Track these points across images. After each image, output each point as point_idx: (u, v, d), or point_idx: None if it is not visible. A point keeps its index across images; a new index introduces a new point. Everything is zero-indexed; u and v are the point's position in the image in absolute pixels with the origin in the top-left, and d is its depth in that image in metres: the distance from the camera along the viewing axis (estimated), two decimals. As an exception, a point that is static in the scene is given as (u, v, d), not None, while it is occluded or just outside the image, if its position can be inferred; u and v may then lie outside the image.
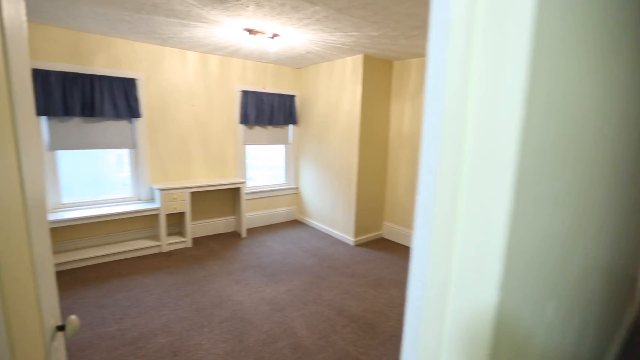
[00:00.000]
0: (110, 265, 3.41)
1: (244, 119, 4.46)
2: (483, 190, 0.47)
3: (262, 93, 4.54)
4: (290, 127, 5.03)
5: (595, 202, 1.13)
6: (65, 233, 3.45)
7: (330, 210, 4.56)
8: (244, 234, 4.42)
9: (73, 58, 3.26)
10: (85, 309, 2.62)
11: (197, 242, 4.14)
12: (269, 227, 4.86)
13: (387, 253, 3.99)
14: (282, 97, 4.73)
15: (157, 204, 3.71)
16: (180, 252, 3.83)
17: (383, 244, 4.29)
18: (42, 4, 2.51)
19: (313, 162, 4.82)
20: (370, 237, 4.43)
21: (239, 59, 4.32)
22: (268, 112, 4.63)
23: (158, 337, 2.31)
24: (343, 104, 4.18)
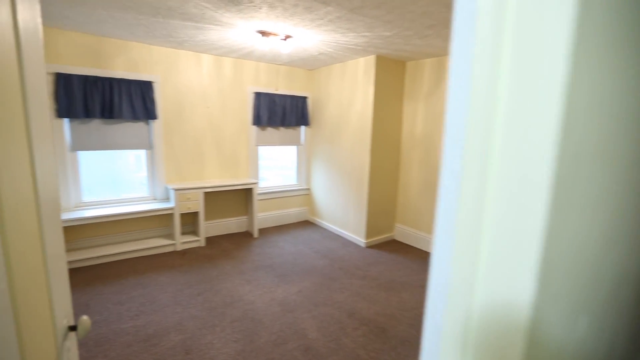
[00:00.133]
0: (127, 263, 3.49)
1: (257, 121, 4.50)
2: (515, 196, 0.44)
3: (274, 95, 4.57)
4: (302, 128, 5.05)
5: (630, 208, 1.07)
6: (86, 231, 3.55)
7: (342, 212, 4.55)
8: (256, 234, 4.45)
9: (93, 62, 3.37)
10: (103, 305, 2.69)
11: (210, 241, 4.20)
12: (281, 227, 4.88)
13: (398, 255, 3.95)
14: (294, 98, 4.75)
15: (171, 204, 3.78)
16: (194, 251, 3.89)
17: (395, 246, 4.24)
18: (64, 10, 2.60)
19: (325, 163, 4.82)
20: (382, 238, 4.39)
21: (252, 61, 4.36)
22: (280, 113, 4.66)
23: (171, 334, 2.35)
24: (355, 105, 4.17)
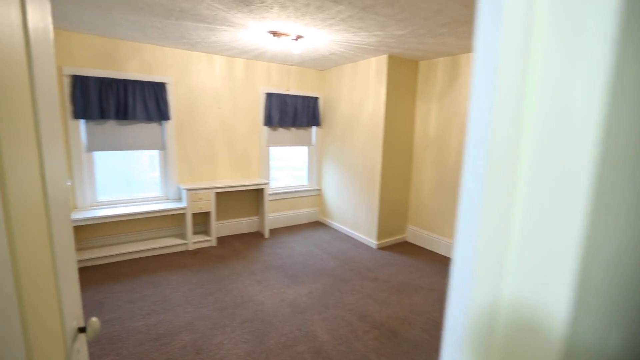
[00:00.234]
0: (140, 262, 3.54)
1: (268, 121, 4.50)
2: (549, 201, 0.40)
3: (285, 95, 4.57)
4: (314, 128, 5.03)
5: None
6: (100, 229, 3.62)
7: (353, 213, 4.51)
8: (267, 234, 4.46)
9: (108, 64, 3.42)
10: (116, 303, 2.73)
11: (221, 241, 4.22)
12: (291, 228, 4.87)
13: (410, 257, 3.89)
14: (305, 99, 4.74)
15: (184, 204, 3.82)
16: (205, 250, 3.91)
17: (406, 248, 4.18)
18: (80, 13, 2.65)
19: (336, 163, 4.79)
20: (393, 240, 4.33)
21: (264, 62, 4.37)
22: (291, 114, 4.65)
23: (182, 334, 2.36)
24: (367, 106, 4.13)
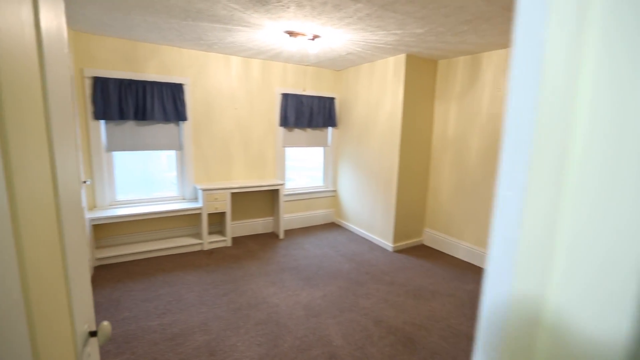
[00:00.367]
0: (156, 261, 3.58)
1: (284, 122, 4.49)
2: (605, 213, 0.34)
3: (301, 96, 4.55)
4: (330, 129, 4.99)
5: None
6: (118, 228, 3.69)
7: (369, 214, 4.44)
8: (282, 235, 4.44)
9: (128, 66, 3.48)
10: (132, 302, 2.76)
11: (236, 241, 4.23)
12: (306, 229, 4.84)
13: (427, 261, 3.78)
14: (321, 99, 4.70)
15: (199, 204, 3.84)
16: (220, 250, 3.93)
17: (424, 252, 4.08)
18: (101, 16, 2.70)
19: (352, 164, 4.73)
20: (410, 243, 4.24)
21: (280, 63, 4.36)
22: (307, 114, 4.63)
23: (196, 335, 2.36)
24: (384, 106, 4.05)
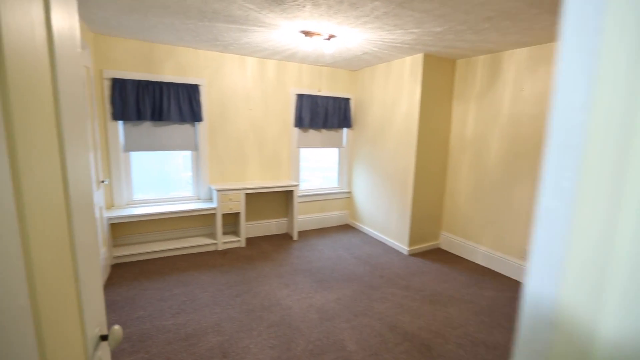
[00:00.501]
0: (172, 260, 3.61)
1: (299, 122, 4.47)
2: None
3: (317, 96, 4.52)
4: (345, 130, 4.94)
5: None
6: (134, 227, 3.74)
7: (384, 217, 4.36)
8: (296, 237, 4.42)
9: (145, 67, 3.53)
10: (147, 301, 2.79)
11: (250, 242, 4.24)
12: (320, 230, 4.81)
13: (444, 265, 3.68)
14: (336, 100, 4.66)
15: (214, 204, 3.86)
16: (234, 251, 3.93)
17: (440, 255, 3.98)
18: (120, 18, 2.74)
19: (367, 166, 4.67)
20: (426, 247, 4.14)
21: (295, 63, 4.34)
22: (322, 115, 4.59)
23: (209, 335, 2.36)
24: (400, 106, 3.98)
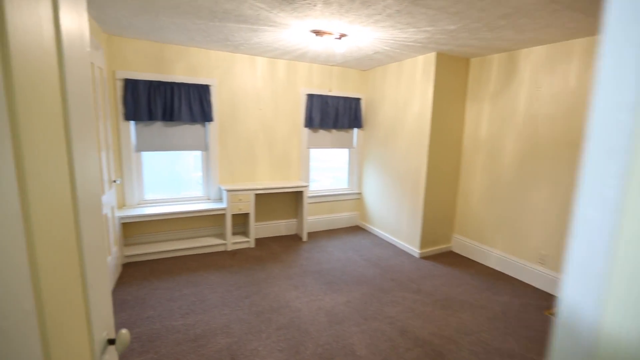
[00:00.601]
0: (181, 260, 3.63)
1: (309, 123, 4.44)
2: None
3: (327, 96, 4.48)
4: (355, 130, 4.89)
5: None
6: (145, 227, 3.77)
7: (395, 218, 4.30)
8: (305, 238, 4.39)
9: (157, 67, 3.56)
10: (157, 300, 2.79)
11: (259, 242, 4.23)
12: (330, 231, 4.77)
13: (456, 269, 3.60)
14: (347, 100, 4.62)
15: (224, 204, 3.86)
16: (244, 252, 3.93)
17: (452, 259, 3.89)
18: (132, 20, 2.76)
19: (378, 166, 4.61)
20: (438, 249, 4.06)
21: (305, 63, 4.32)
22: (333, 115, 4.56)
23: (218, 337, 2.34)
24: (412, 106, 3.91)
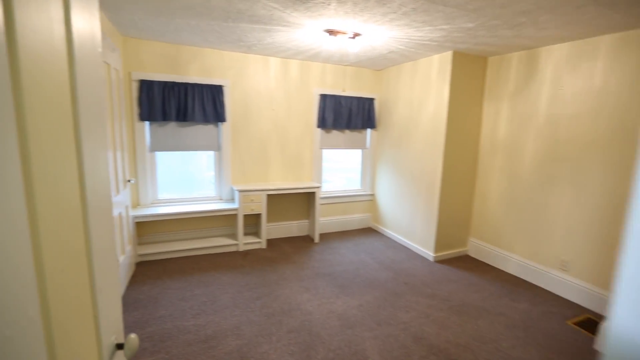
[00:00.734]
0: (193, 259, 3.64)
1: (322, 123, 4.41)
2: None
3: (340, 96, 4.44)
4: (368, 131, 4.83)
5: None
6: (158, 226, 3.80)
7: (409, 221, 4.22)
8: (317, 239, 4.36)
9: (171, 68, 3.59)
10: (169, 300, 2.81)
11: (270, 243, 4.21)
12: (342, 233, 4.72)
13: (473, 274, 3.50)
14: (360, 100, 4.56)
15: (236, 204, 3.86)
16: (255, 252, 3.92)
17: (468, 263, 3.79)
18: (148, 21, 2.78)
19: (391, 167, 4.54)
20: (453, 253, 3.96)
21: (319, 63, 4.29)
22: (346, 115, 4.51)
23: (229, 338, 2.33)
24: (427, 107, 3.83)
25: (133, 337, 0.85)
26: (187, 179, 4.19)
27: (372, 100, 4.65)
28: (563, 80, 3.01)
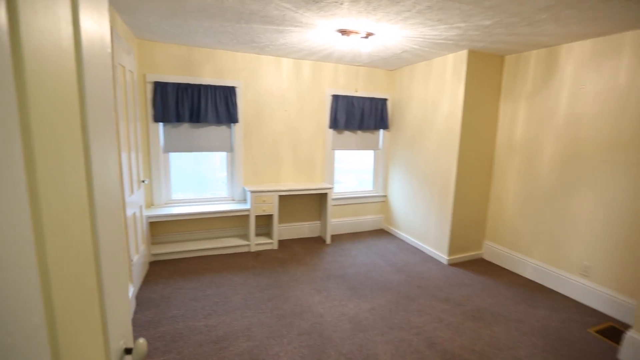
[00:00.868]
0: (205, 259, 3.66)
1: (334, 124, 4.38)
2: None
3: (352, 97, 4.40)
4: (381, 132, 4.78)
5: None
6: (172, 226, 3.85)
7: (422, 223, 4.15)
8: (329, 240, 4.33)
9: (185, 70, 3.62)
10: (181, 300, 2.82)
11: (282, 244, 4.21)
12: (354, 235, 4.68)
13: (488, 278, 3.41)
14: (373, 100, 4.51)
15: (248, 205, 3.87)
16: (267, 253, 3.92)
17: (483, 267, 3.69)
18: (161, 24, 2.81)
19: (404, 169, 4.47)
20: (468, 256, 3.87)
21: (331, 63, 4.26)
22: (358, 116, 4.47)
23: (240, 340, 2.32)
24: (442, 107, 3.76)
25: (142, 341, 0.84)
26: (200, 180, 4.22)
27: (384, 101, 4.59)
28: (585, 79, 2.90)
